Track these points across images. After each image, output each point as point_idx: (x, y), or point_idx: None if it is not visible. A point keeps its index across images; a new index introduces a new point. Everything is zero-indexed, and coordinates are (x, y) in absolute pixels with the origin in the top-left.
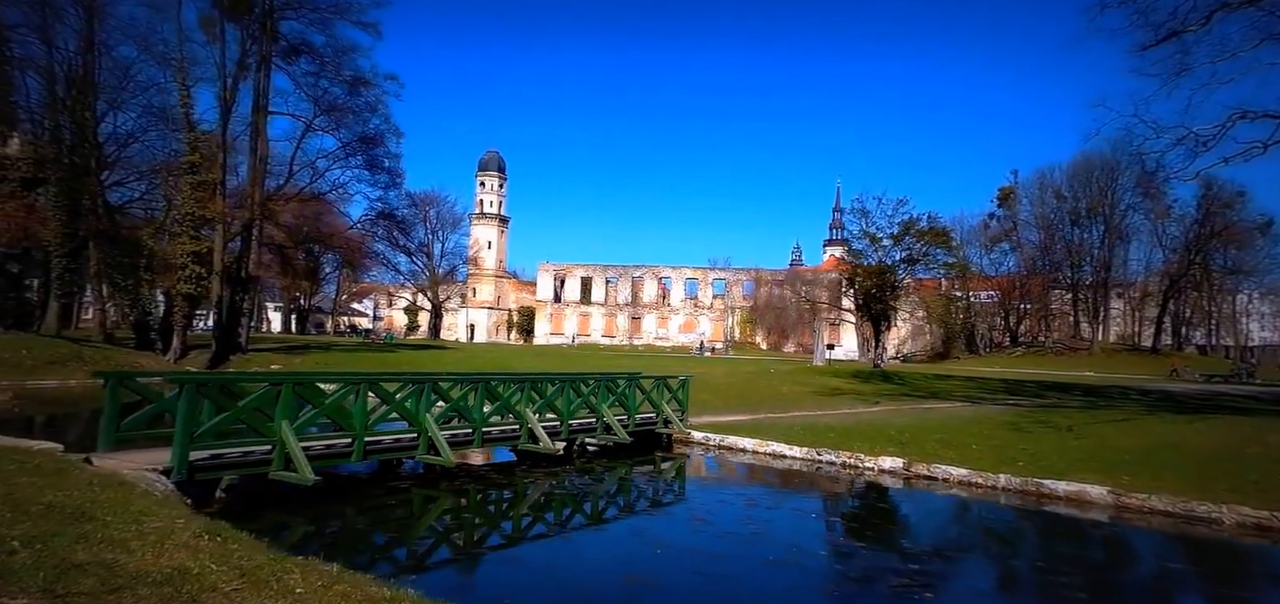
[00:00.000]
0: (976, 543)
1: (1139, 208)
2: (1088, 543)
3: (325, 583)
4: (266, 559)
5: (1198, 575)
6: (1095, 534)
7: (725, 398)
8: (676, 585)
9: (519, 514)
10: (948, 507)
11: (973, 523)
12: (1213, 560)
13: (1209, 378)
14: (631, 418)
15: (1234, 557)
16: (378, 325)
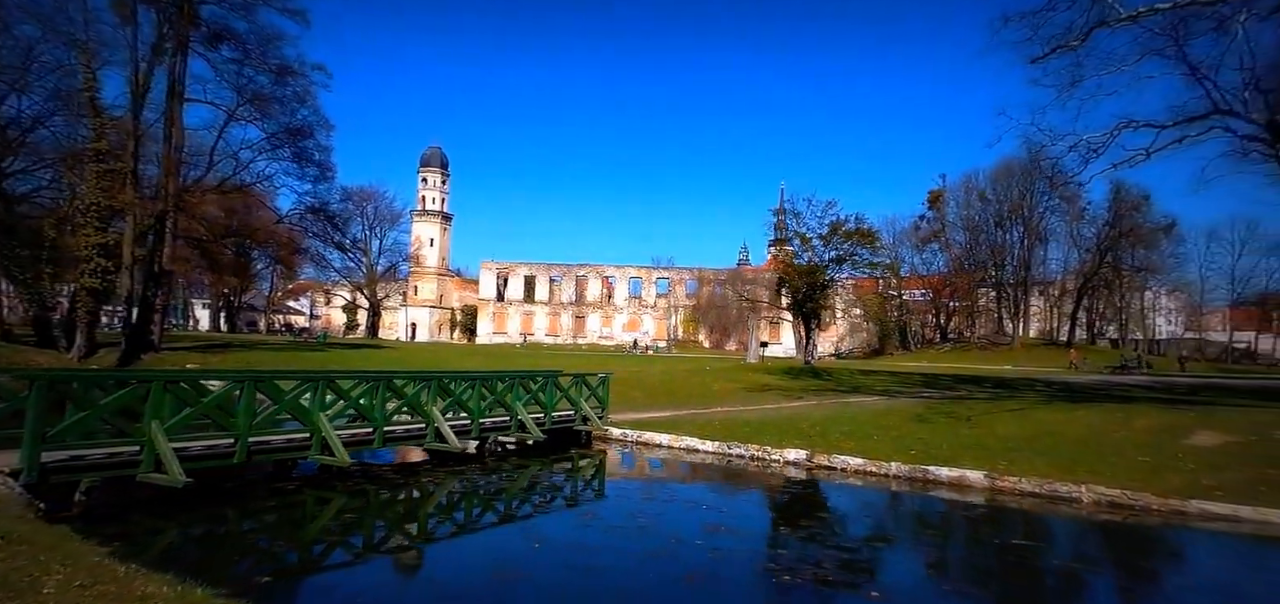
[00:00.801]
0: (847, 526)
1: (1056, 210)
2: (949, 521)
3: (85, 583)
4: (93, 564)
5: (1034, 549)
6: (958, 514)
7: (655, 395)
8: (545, 579)
9: (405, 516)
10: (836, 494)
11: (851, 508)
12: (1048, 533)
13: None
14: (548, 416)
15: (1079, 530)
16: (315, 324)
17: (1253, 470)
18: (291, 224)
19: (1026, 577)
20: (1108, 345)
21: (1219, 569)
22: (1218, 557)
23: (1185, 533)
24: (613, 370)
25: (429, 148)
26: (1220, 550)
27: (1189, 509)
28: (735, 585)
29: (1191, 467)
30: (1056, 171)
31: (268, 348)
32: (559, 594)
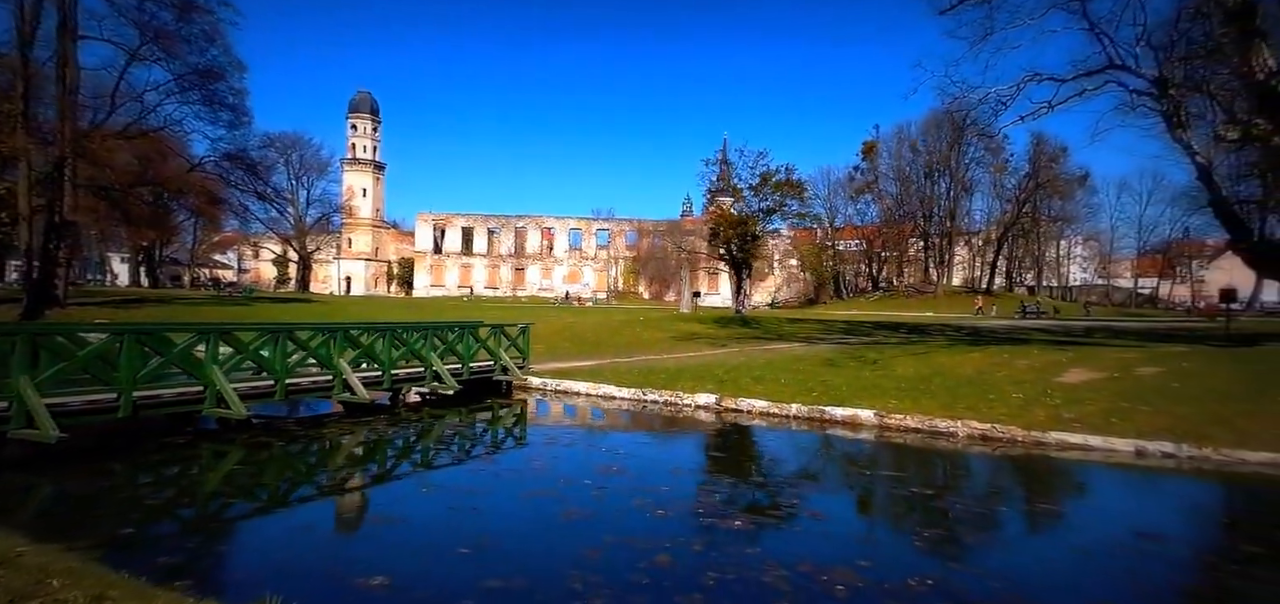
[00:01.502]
0: (730, 460)
1: (981, 162)
2: (831, 454)
3: None
4: None
5: (901, 478)
6: (837, 448)
7: (584, 345)
8: (423, 520)
9: (300, 468)
10: (733, 434)
11: (741, 445)
12: (919, 465)
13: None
14: (466, 366)
15: (948, 461)
16: (243, 278)
17: (1108, 403)
18: (206, 172)
19: (882, 503)
20: (1025, 292)
21: (1056, 490)
22: (1059, 480)
23: (1040, 461)
24: (547, 322)
25: (358, 93)
26: (1064, 474)
27: (1048, 440)
28: (605, 521)
29: (1057, 402)
30: (969, 123)
31: (187, 302)
32: (431, 533)
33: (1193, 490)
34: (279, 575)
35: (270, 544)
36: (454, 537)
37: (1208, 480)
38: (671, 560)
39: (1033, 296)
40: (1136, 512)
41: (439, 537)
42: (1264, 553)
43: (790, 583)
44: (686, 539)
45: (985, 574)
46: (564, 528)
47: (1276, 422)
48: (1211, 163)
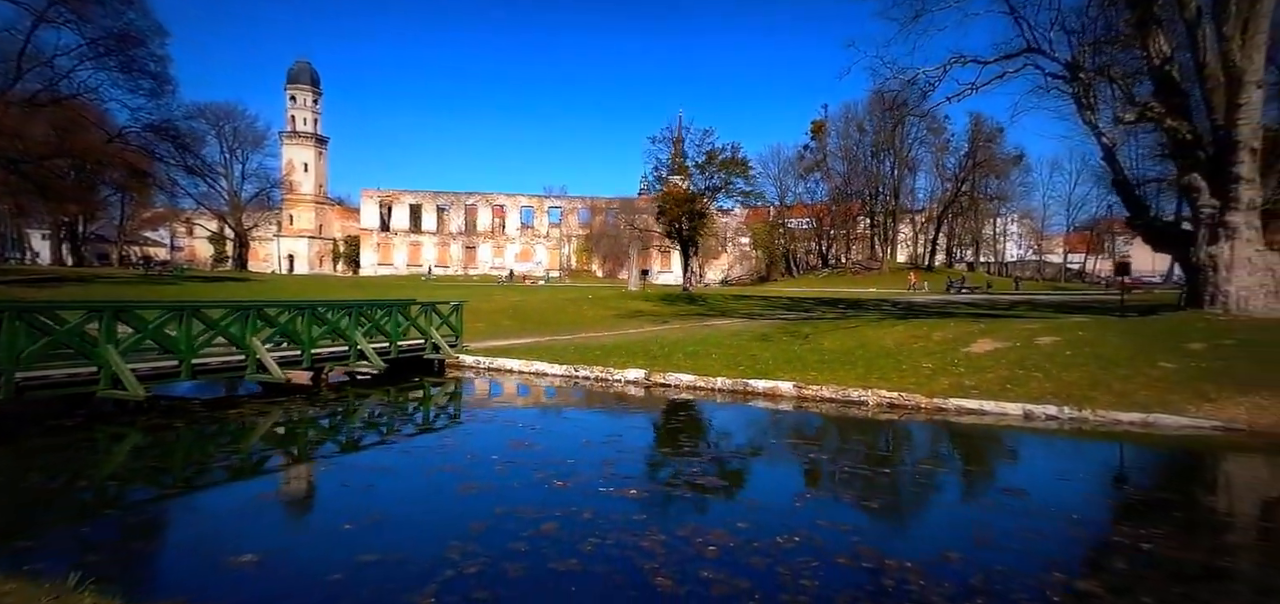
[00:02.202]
0: (648, 433)
1: (923, 141)
2: (743, 424)
3: None
4: None
5: (802, 445)
6: (755, 417)
7: (526, 323)
8: (314, 498)
9: (195, 452)
10: (655, 408)
11: (658, 418)
12: (826, 430)
13: (947, 289)
14: (393, 345)
15: (855, 427)
16: (176, 256)
17: (1006, 371)
18: (127, 143)
19: (776, 469)
20: (965, 268)
21: (942, 452)
22: (949, 443)
23: (939, 425)
24: (493, 300)
25: (297, 63)
26: (955, 437)
27: (948, 406)
28: (502, 494)
29: (962, 371)
30: (899, 104)
31: (109, 281)
32: (318, 511)
33: (1066, 448)
34: (143, 561)
35: (143, 528)
36: (340, 514)
37: (1083, 439)
38: (557, 528)
39: (959, 272)
40: (1009, 470)
41: (325, 515)
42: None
43: (666, 546)
44: (578, 508)
45: (849, 529)
46: (458, 502)
47: (1148, 384)
48: (1115, 144)
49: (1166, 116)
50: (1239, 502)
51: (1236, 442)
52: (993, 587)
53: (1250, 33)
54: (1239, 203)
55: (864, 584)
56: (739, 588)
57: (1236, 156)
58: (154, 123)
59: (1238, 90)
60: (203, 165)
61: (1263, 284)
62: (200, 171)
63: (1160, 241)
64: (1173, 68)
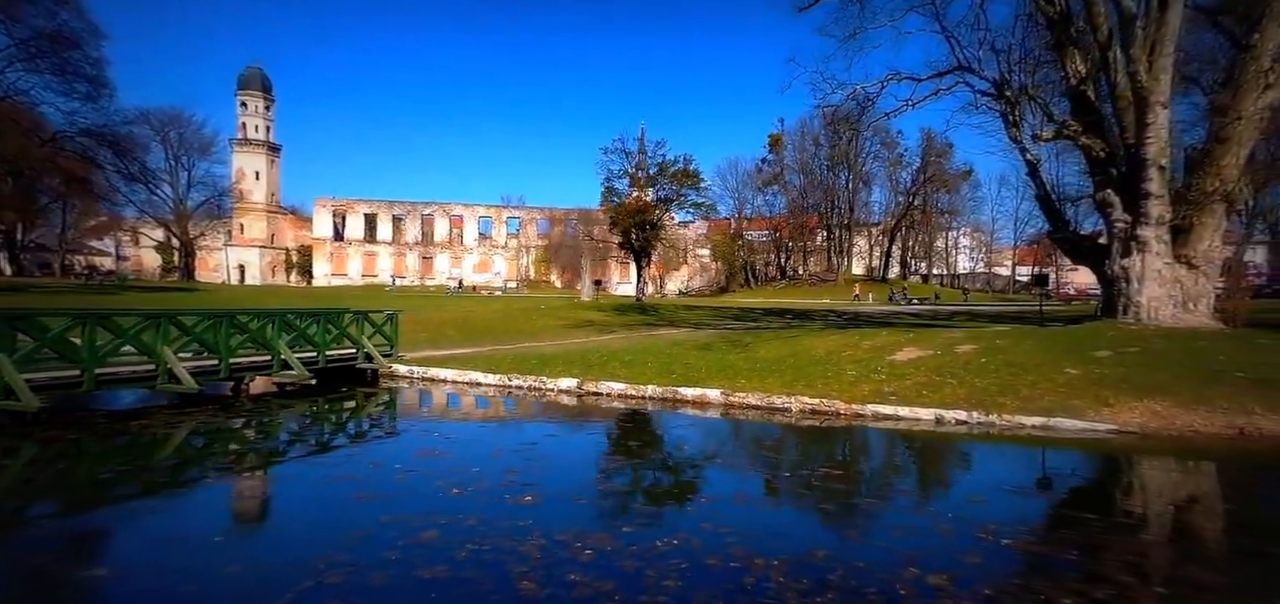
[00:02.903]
0: (564, 442)
1: (878, 156)
2: (660, 431)
3: None
4: None
5: (711, 451)
6: (676, 423)
7: (472, 333)
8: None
9: (82, 465)
10: (583, 415)
11: (580, 427)
12: (743, 436)
13: (889, 300)
14: (321, 354)
15: (774, 432)
16: (123, 266)
17: (924, 378)
18: (61, 148)
19: (678, 475)
20: (919, 280)
21: (844, 455)
22: (855, 447)
23: (854, 430)
24: (444, 311)
25: (248, 68)
26: (863, 442)
27: (866, 412)
28: (392, 503)
29: (883, 377)
30: (841, 118)
31: (43, 291)
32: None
33: (966, 451)
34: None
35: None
36: (216, 525)
37: (986, 443)
38: (437, 535)
39: (901, 284)
40: (904, 473)
41: (200, 525)
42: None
43: (542, 551)
44: (465, 516)
45: (729, 532)
46: (346, 511)
47: (1053, 390)
48: (1038, 161)
49: (1082, 134)
50: (1107, 499)
51: (1127, 444)
52: (847, 582)
53: (1156, 55)
54: (1149, 218)
55: (724, 583)
56: (601, 590)
57: (1146, 174)
58: (91, 127)
59: (1145, 110)
60: (144, 171)
61: (1171, 295)
62: (141, 178)
63: (1078, 254)
64: (1088, 88)
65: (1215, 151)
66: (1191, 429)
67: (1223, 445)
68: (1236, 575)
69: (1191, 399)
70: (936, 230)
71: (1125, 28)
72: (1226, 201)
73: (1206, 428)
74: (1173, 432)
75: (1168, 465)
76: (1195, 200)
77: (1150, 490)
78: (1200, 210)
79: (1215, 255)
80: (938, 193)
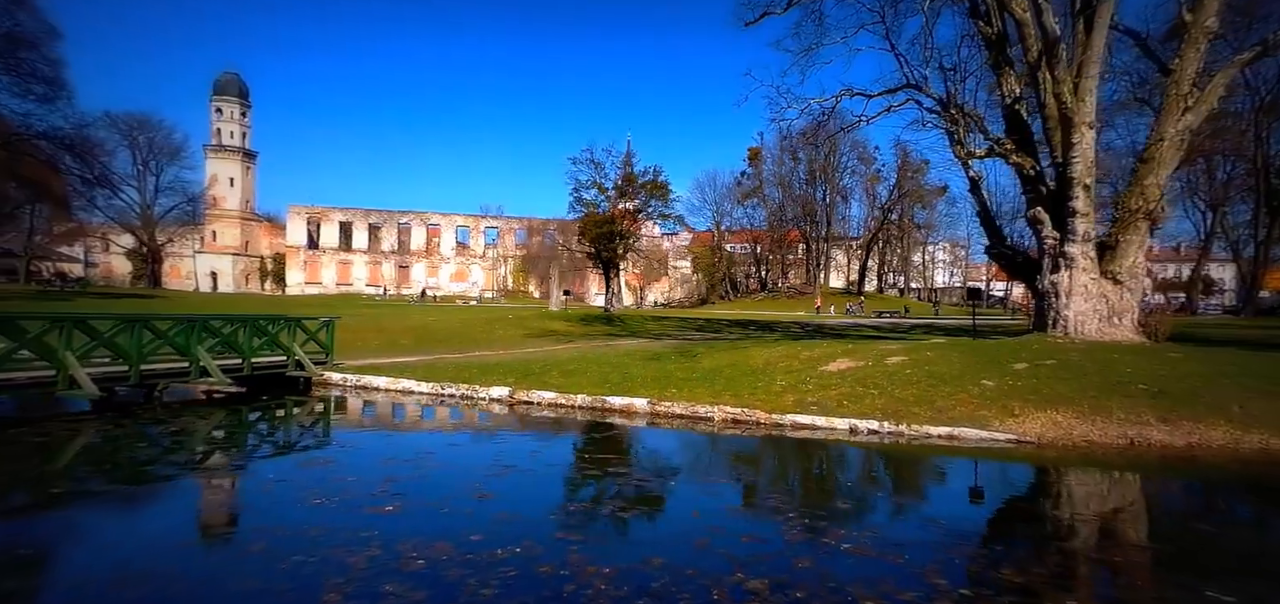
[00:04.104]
0: (470, 450)
1: (856, 171)
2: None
3: None
4: None
5: (613, 457)
6: (593, 433)
7: (425, 342)
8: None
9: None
10: (502, 424)
11: (491, 435)
12: (650, 444)
13: (847, 312)
14: (246, 362)
15: (681, 440)
16: (91, 273)
17: (848, 389)
18: (17, 150)
19: (566, 483)
20: (896, 293)
21: (740, 464)
22: (759, 456)
23: (766, 439)
24: (405, 319)
25: (224, 74)
26: (771, 450)
27: (784, 421)
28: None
29: (810, 387)
30: (790, 134)
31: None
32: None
33: (865, 460)
34: None
35: None
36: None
37: (890, 452)
38: (265, 546)
39: (856, 297)
40: (793, 482)
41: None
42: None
43: (372, 562)
44: (311, 527)
45: (580, 540)
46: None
47: (967, 401)
48: (980, 177)
49: (1013, 153)
50: (963, 504)
51: (1022, 452)
52: (669, 588)
53: (1082, 77)
54: (1075, 235)
55: (542, 590)
56: (413, 599)
57: (1072, 192)
58: (49, 129)
59: (1071, 131)
60: (105, 175)
61: (1096, 310)
62: (105, 182)
63: (1014, 270)
64: (1022, 106)
65: (1140, 171)
66: (1086, 439)
67: (1109, 453)
68: (1032, 575)
69: (1091, 410)
70: (913, 245)
71: (1050, 50)
72: (1149, 219)
73: (1100, 438)
74: (1068, 441)
75: (1040, 472)
76: (1119, 218)
77: (1005, 495)
78: (1124, 228)
79: (1139, 271)
80: (914, 208)
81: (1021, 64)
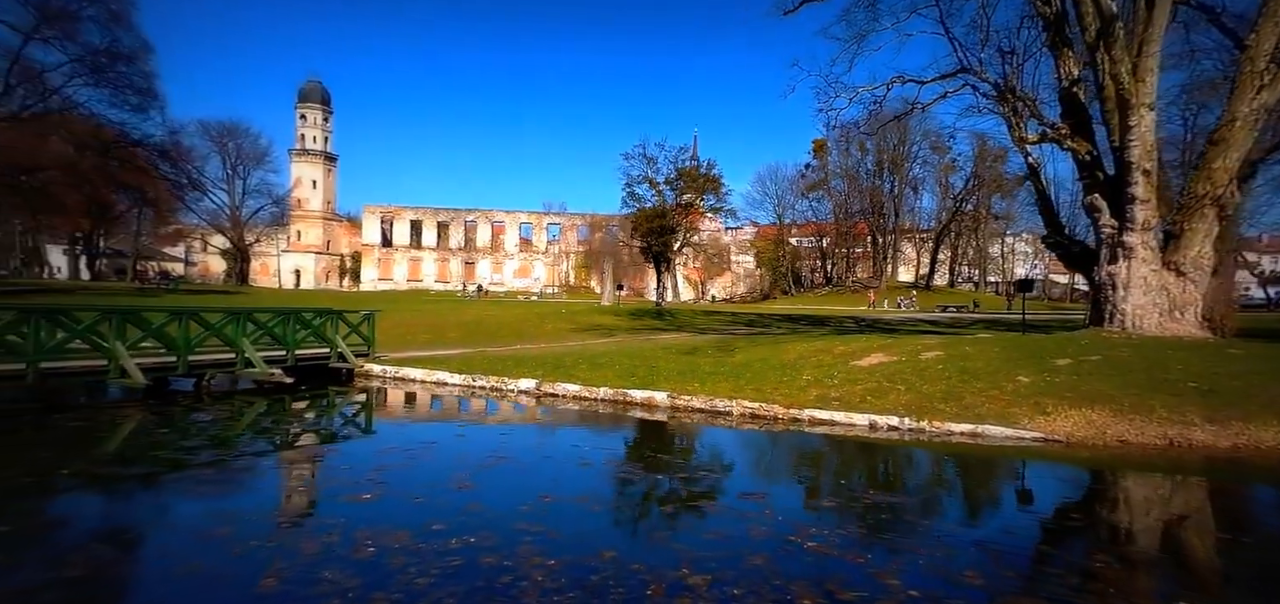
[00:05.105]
0: (472, 441)
1: (928, 162)
2: (578, 431)
3: None
4: None
5: (617, 450)
6: (605, 425)
7: (471, 335)
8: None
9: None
10: (523, 415)
11: (501, 427)
12: (657, 437)
13: (897, 305)
14: (290, 353)
15: (689, 434)
16: (190, 271)
17: (875, 384)
18: (118, 159)
19: (549, 473)
20: (970, 287)
21: (743, 456)
22: (764, 451)
23: (781, 434)
24: (459, 313)
25: (308, 81)
26: (779, 446)
27: (803, 416)
28: (243, 498)
29: (836, 382)
30: (840, 125)
31: (89, 292)
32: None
33: (872, 455)
34: None
35: None
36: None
37: (904, 448)
38: (230, 532)
39: (908, 291)
40: (783, 477)
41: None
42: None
43: (325, 548)
44: (280, 513)
45: (542, 532)
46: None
47: (999, 398)
48: (1039, 164)
49: (1068, 137)
50: (954, 504)
51: (1047, 451)
52: (607, 582)
53: (1143, 56)
54: (1135, 223)
55: (476, 580)
56: (346, 586)
57: (1131, 178)
58: (146, 138)
59: (1128, 113)
60: (197, 180)
61: (1156, 303)
62: (198, 186)
63: (1071, 260)
64: (1080, 89)
65: (1208, 154)
66: (1121, 439)
67: (1143, 454)
68: (996, 575)
69: (1130, 408)
70: (990, 236)
71: (1107, 28)
72: (1217, 206)
73: (1137, 437)
74: (1100, 441)
75: (1053, 472)
76: (1184, 204)
77: (1004, 496)
78: (1190, 215)
79: (1205, 262)
80: (992, 197)
81: (1080, 45)
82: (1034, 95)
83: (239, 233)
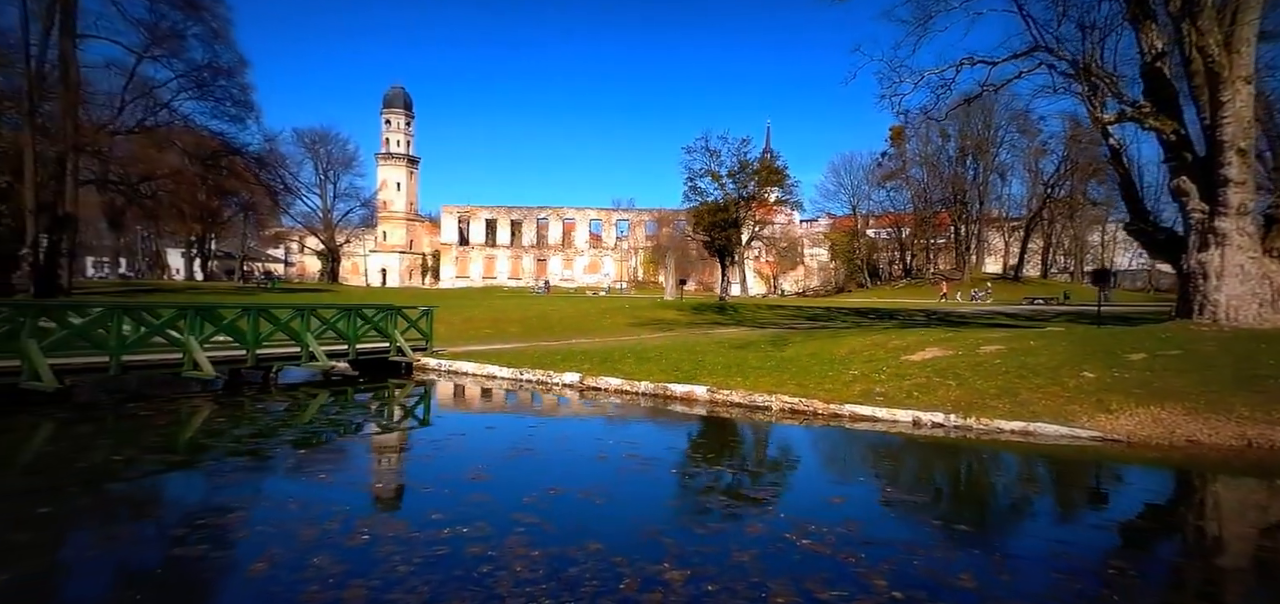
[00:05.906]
0: (500, 433)
1: (1015, 146)
2: (611, 424)
3: None
4: None
5: (636, 443)
6: (639, 418)
7: (531, 330)
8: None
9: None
10: (561, 408)
11: (536, 418)
12: (688, 430)
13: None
14: (351, 347)
15: (722, 427)
16: (289, 272)
17: (924, 379)
18: (220, 166)
19: (563, 466)
20: (1066, 278)
21: (769, 451)
22: (790, 445)
23: (818, 429)
24: (524, 308)
25: (392, 88)
26: (806, 441)
27: (843, 412)
28: (261, 485)
29: (884, 377)
30: (903, 110)
31: (196, 291)
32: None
33: (908, 453)
34: None
35: None
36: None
37: (946, 446)
38: (239, 517)
39: (983, 282)
40: (807, 474)
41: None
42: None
43: (322, 534)
44: (288, 499)
45: (536, 523)
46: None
47: (1059, 394)
48: (1122, 145)
49: (1150, 116)
50: (961, 502)
51: (1104, 451)
52: (584, 575)
53: (1237, 24)
54: (1228, 207)
55: (455, 569)
56: (332, 571)
57: (1224, 158)
58: (246, 146)
59: (1219, 87)
60: (292, 185)
61: (1255, 293)
62: (294, 190)
63: (1155, 248)
64: (1165, 64)
65: None
66: (1192, 439)
67: (1215, 455)
68: (985, 577)
69: (1207, 407)
70: (1088, 224)
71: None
72: None
73: (1210, 438)
74: (1167, 441)
75: (1100, 473)
76: None
77: (1017, 495)
78: None
79: None
80: (1088, 183)
81: (1164, 16)
82: (1114, 72)
83: (330, 234)
